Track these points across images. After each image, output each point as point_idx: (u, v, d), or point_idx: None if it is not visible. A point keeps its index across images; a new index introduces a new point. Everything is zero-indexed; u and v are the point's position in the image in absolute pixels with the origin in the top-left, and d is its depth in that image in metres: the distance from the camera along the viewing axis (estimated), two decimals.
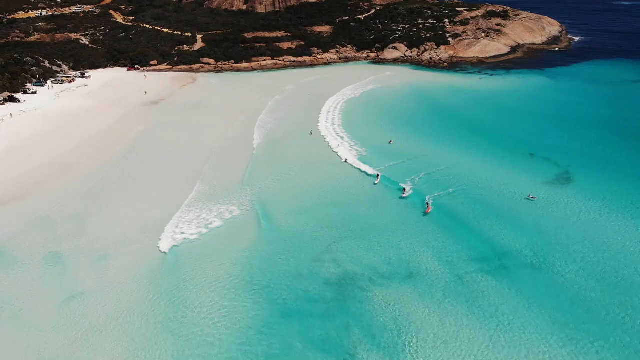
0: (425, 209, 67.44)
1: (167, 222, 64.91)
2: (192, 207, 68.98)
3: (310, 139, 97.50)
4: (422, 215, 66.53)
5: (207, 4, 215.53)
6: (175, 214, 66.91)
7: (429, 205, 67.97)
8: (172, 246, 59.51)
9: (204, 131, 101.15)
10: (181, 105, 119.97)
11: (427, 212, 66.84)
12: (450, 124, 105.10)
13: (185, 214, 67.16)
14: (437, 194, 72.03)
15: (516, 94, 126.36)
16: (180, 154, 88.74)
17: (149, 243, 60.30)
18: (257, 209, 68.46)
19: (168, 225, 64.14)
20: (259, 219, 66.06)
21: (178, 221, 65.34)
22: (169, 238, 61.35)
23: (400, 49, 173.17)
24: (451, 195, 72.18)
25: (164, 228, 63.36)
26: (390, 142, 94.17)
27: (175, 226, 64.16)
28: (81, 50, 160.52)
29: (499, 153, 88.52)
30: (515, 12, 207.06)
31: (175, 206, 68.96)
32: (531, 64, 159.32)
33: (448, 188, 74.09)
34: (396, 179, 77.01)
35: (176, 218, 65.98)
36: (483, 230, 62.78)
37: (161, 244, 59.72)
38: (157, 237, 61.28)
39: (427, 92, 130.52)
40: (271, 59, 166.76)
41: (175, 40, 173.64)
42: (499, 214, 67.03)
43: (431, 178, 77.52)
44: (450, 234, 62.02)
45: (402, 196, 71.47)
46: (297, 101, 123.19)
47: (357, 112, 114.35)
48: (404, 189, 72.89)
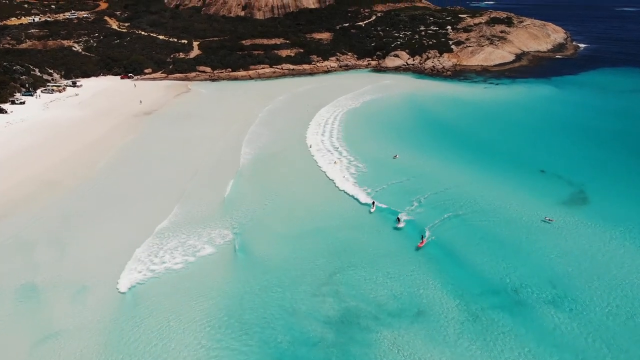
0: (419, 242, 60.30)
1: (136, 249, 59.35)
2: (166, 234, 63.02)
3: (304, 154, 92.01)
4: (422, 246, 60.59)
5: (204, 10, 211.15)
6: (146, 241, 61.32)
7: (423, 239, 60.75)
8: (132, 284, 53.27)
9: (194, 144, 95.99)
10: (174, 116, 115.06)
11: (419, 245, 59.73)
12: (456, 137, 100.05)
13: (159, 241, 61.51)
14: (445, 216, 66.88)
15: (523, 105, 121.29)
16: (165, 170, 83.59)
17: (110, 278, 54.48)
18: (242, 236, 62.70)
19: (136, 253, 58.79)
20: (243, 247, 60.41)
21: (146, 251, 59.36)
22: (132, 272, 55.35)
23: (402, 56, 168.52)
24: (460, 217, 66.95)
25: (127, 263, 57.02)
26: (395, 157, 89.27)
27: (141, 258, 58.13)
28: (73, 58, 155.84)
29: (508, 170, 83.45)
30: (519, 19, 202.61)
31: (145, 233, 63.05)
32: (537, 72, 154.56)
33: (457, 210, 68.90)
34: (397, 201, 71.15)
35: (145, 247, 59.99)
36: (496, 259, 57.50)
37: (121, 283, 53.38)
38: (119, 272, 55.54)
39: (431, 102, 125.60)
40: (269, 66, 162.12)
41: (171, 47, 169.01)
42: (512, 239, 61.81)
43: (438, 199, 72.24)
44: (459, 263, 56.72)
45: (397, 226, 64.68)
46: (295, 111, 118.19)
47: (357, 124, 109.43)
48: (398, 219, 65.62)
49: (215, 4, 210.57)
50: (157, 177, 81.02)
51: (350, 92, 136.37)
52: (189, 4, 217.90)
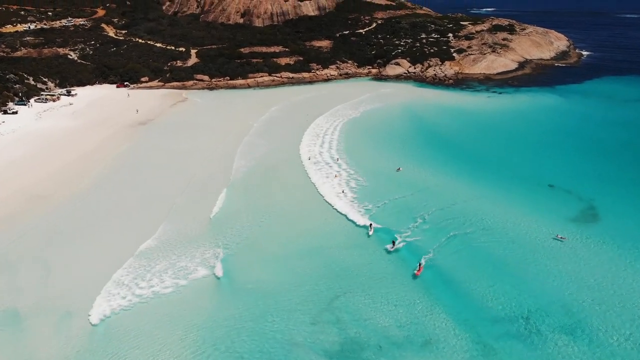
0: (416, 270, 55.89)
1: (114, 274, 55.85)
2: (149, 256, 59.47)
3: (300, 168, 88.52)
4: (426, 271, 56.48)
5: (202, 17, 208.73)
6: (127, 262, 58.09)
7: (420, 266, 56.22)
8: (105, 316, 49.57)
9: (187, 156, 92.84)
10: (169, 126, 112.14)
11: (417, 274, 55.23)
12: (461, 149, 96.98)
13: (140, 262, 58.06)
14: (450, 234, 63.77)
15: (528, 116, 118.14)
16: (156, 184, 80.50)
17: (83, 308, 50.98)
18: (231, 259, 59.11)
19: (113, 278, 55.33)
20: (231, 271, 56.74)
21: (126, 274, 55.91)
22: (109, 299, 51.77)
23: (403, 64, 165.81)
24: (465, 237, 63.66)
25: (102, 288, 53.35)
26: (398, 170, 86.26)
27: (122, 281, 54.75)
28: (69, 66, 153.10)
29: (515, 184, 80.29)
30: (522, 26, 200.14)
31: (128, 253, 59.80)
32: (541, 81, 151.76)
33: (461, 228, 65.66)
34: (398, 219, 67.71)
35: (123, 271, 56.44)
36: (504, 283, 54.20)
37: (93, 314, 49.54)
38: (94, 299, 52.07)
39: (434, 112, 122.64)
40: (268, 75, 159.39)
41: (168, 55, 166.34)
42: (522, 260, 58.61)
43: (442, 216, 69.00)
44: (465, 288, 53.26)
45: (390, 250, 60.39)
46: (294, 121, 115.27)
47: (358, 135, 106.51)
48: (393, 242, 61.26)
49: (214, 11, 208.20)
50: (147, 192, 77.91)
51: (350, 101, 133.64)
52: (187, 11, 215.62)
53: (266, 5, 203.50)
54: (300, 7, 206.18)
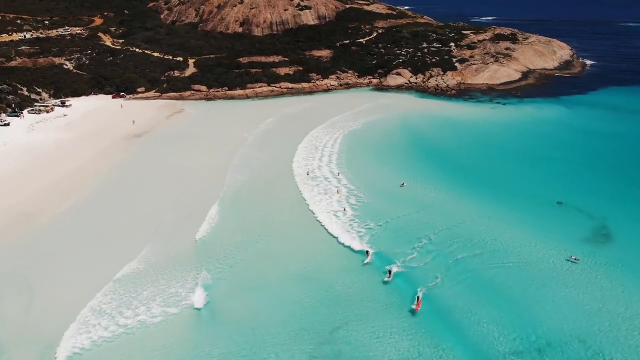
0: (414, 304, 51.43)
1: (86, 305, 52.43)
2: (127, 284, 55.96)
3: (297, 185, 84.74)
4: (427, 304, 52.23)
5: (201, 26, 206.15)
6: (102, 289, 54.73)
7: (418, 300, 51.87)
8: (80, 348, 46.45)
9: (179, 171, 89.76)
10: (164, 139, 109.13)
11: (416, 309, 50.79)
12: (466, 164, 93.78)
13: (117, 288, 55.00)
14: (458, 257, 60.69)
15: (533, 129, 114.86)
16: (145, 202, 77.56)
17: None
18: (215, 289, 55.22)
19: (90, 305, 52.33)
20: (216, 302, 52.95)
21: (99, 305, 52.37)
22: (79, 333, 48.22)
23: (405, 74, 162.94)
24: (472, 260, 60.47)
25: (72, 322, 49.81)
26: (402, 185, 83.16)
27: (98, 310, 51.53)
28: (64, 76, 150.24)
29: (523, 201, 77.17)
30: (524, 35, 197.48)
31: (105, 279, 56.63)
32: (545, 91, 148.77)
33: (468, 251, 62.51)
34: (400, 241, 64.30)
35: (97, 301, 52.99)
36: (515, 311, 51.01)
37: (59, 352, 46.02)
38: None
39: (437, 124, 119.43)
40: (267, 85, 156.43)
41: (165, 65, 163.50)
42: (534, 284, 55.55)
43: (447, 237, 65.86)
44: (473, 321, 49.83)
45: (387, 280, 56.13)
46: (292, 133, 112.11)
47: (359, 147, 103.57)
48: (389, 271, 56.93)
49: (212, 20, 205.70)
50: (136, 210, 75.08)
51: (351, 112, 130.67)
52: (185, 20, 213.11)
53: (265, 14, 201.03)
54: (299, 16, 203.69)
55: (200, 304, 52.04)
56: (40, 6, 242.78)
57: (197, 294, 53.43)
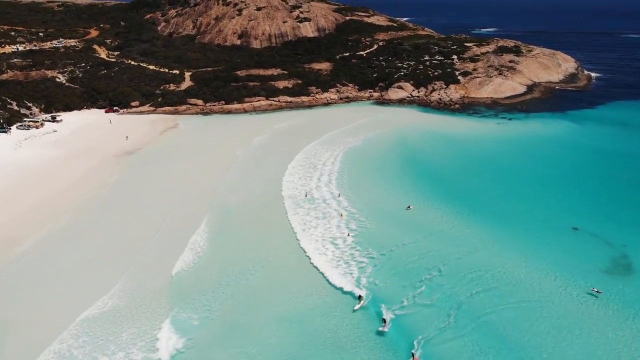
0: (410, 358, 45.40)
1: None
2: (87, 331, 50.12)
3: (290, 210, 79.02)
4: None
5: (198, 38, 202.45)
6: (57, 338, 48.99)
7: (414, 357, 45.22)
8: None
9: (166, 194, 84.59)
10: (156, 156, 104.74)
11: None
12: (475, 184, 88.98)
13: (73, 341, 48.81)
14: (472, 293, 55.65)
15: (542, 146, 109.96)
16: (126, 229, 72.45)
17: None
18: (188, 331, 49.74)
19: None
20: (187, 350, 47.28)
21: None
22: None
23: (406, 88, 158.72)
24: (491, 294, 55.45)
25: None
26: (408, 208, 78.38)
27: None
28: (56, 90, 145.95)
29: (536, 227, 72.29)
30: (528, 47, 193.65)
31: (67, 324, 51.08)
32: (551, 105, 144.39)
33: (485, 284, 57.48)
34: (403, 278, 58.61)
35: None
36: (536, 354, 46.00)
37: None
38: None
39: (442, 141, 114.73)
40: (265, 99, 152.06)
41: (161, 78, 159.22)
42: (554, 323, 50.47)
43: (459, 269, 60.81)
44: None
45: (381, 330, 49.46)
46: (289, 150, 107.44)
47: (360, 166, 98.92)
48: (384, 320, 50.28)
49: (210, 32, 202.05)
50: (118, 235, 70.41)
51: (351, 127, 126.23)
52: (183, 32, 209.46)
53: (264, 27, 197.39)
54: (299, 29, 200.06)
55: (167, 356, 46.16)
56: (36, 18, 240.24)
57: (165, 342, 47.65)
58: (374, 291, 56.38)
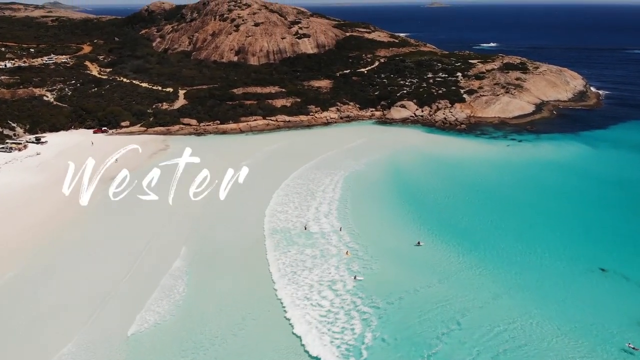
0: None
1: None
2: None
3: (274, 254, 70.41)
4: None
5: (194, 54, 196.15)
6: None
7: None
8: None
9: (142, 231, 77.83)
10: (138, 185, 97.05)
11: None
12: (489, 216, 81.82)
13: None
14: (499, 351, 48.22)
15: (557, 173, 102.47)
16: (92, 275, 64.79)
17: None
18: None
19: None
20: None
21: None
22: None
23: (410, 107, 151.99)
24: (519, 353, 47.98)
25: None
26: (418, 244, 71.21)
27: None
28: (42, 109, 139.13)
29: (560, 267, 65.25)
30: (534, 64, 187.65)
31: None
32: (562, 126, 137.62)
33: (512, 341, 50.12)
34: (419, 331, 51.77)
35: None
36: None
37: None
38: None
39: (451, 165, 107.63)
40: (262, 118, 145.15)
41: (154, 96, 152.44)
42: None
43: (482, 319, 53.50)
44: None
45: None
46: (285, 173, 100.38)
47: (363, 194, 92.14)
48: None
49: (206, 49, 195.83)
50: (80, 283, 62.97)
51: (353, 149, 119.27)
52: (178, 48, 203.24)
53: (262, 43, 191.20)
54: (298, 45, 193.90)
55: None
56: (29, 33, 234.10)
57: None
58: (380, 351, 48.91)
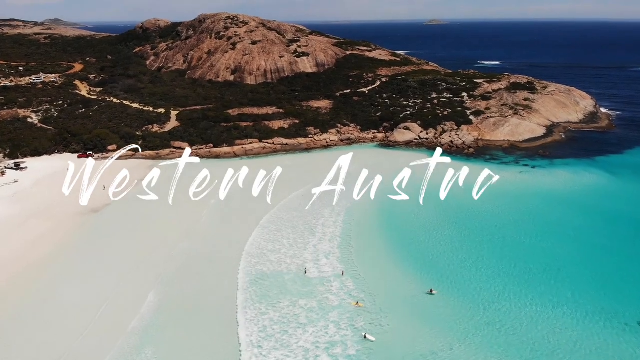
0: None
1: None
2: None
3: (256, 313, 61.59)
4: None
5: (189, 73, 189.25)
6: None
7: None
8: None
9: (108, 280, 68.66)
10: (121, 217, 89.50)
11: None
12: (507, 255, 73.81)
13: None
14: None
15: (575, 200, 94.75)
16: (40, 331, 56.68)
17: None
18: None
19: None
20: None
21: None
22: None
23: (414, 129, 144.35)
24: None
25: None
26: (431, 292, 62.87)
27: None
28: (25, 132, 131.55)
29: (599, 321, 56.87)
30: (542, 84, 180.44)
31: None
32: (576, 150, 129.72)
33: None
34: None
35: None
36: None
37: None
38: None
39: (462, 195, 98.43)
40: (259, 141, 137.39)
41: (144, 118, 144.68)
42: None
43: None
44: None
45: None
46: (284, 206, 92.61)
47: (367, 230, 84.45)
48: None
49: (201, 67, 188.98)
50: (32, 338, 55.11)
51: (354, 176, 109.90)
52: (172, 67, 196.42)
53: (259, 62, 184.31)
54: (296, 64, 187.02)
55: None
56: (20, 51, 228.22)
57: None
58: None
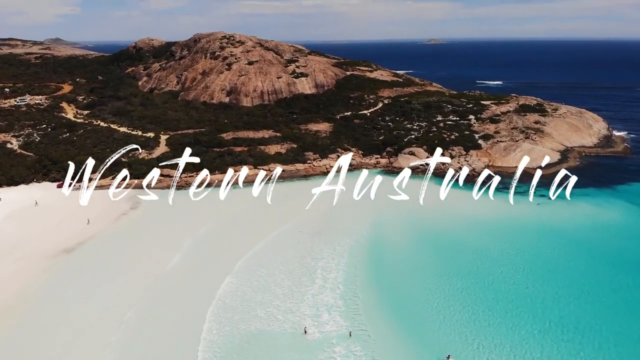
0: None
1: None
2: None
3: None
4: None
5: (182, 95, 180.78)
6: None
7: None
8: None
9: (83, 326, 60.04)
10: (97, 259, 79.86)
11: None
12: (533, 312, 63.52)
13: None
14: None
15: (605, 244, 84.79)
16: None
17: None
18: None
19: None
20: None
21: None
22: None
23: (419, 154, 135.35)
24: None
25: None
26: (448, 359, 53.02)
27: None
28: (2, 159, 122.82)
29: None
30: (552, 106, 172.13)
31: None
32: (595, 178, 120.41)
33: None
34: None
35: None
36: None
37: None
38: None
39: (476, 233, 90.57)
40: (253, 167, 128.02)
41: (132, 143, 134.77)
42: None
43: None
44: None
45: None
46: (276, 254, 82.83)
47: (375, 276, 74.20)
48: None
49: (195, 89, 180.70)
50: None
51: (357, 209, 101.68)
52: (165, 88, 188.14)
53: (256, 83, 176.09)
54: (295, 85, 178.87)
55: None
56: (8, 71, 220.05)
57: None
58: None
